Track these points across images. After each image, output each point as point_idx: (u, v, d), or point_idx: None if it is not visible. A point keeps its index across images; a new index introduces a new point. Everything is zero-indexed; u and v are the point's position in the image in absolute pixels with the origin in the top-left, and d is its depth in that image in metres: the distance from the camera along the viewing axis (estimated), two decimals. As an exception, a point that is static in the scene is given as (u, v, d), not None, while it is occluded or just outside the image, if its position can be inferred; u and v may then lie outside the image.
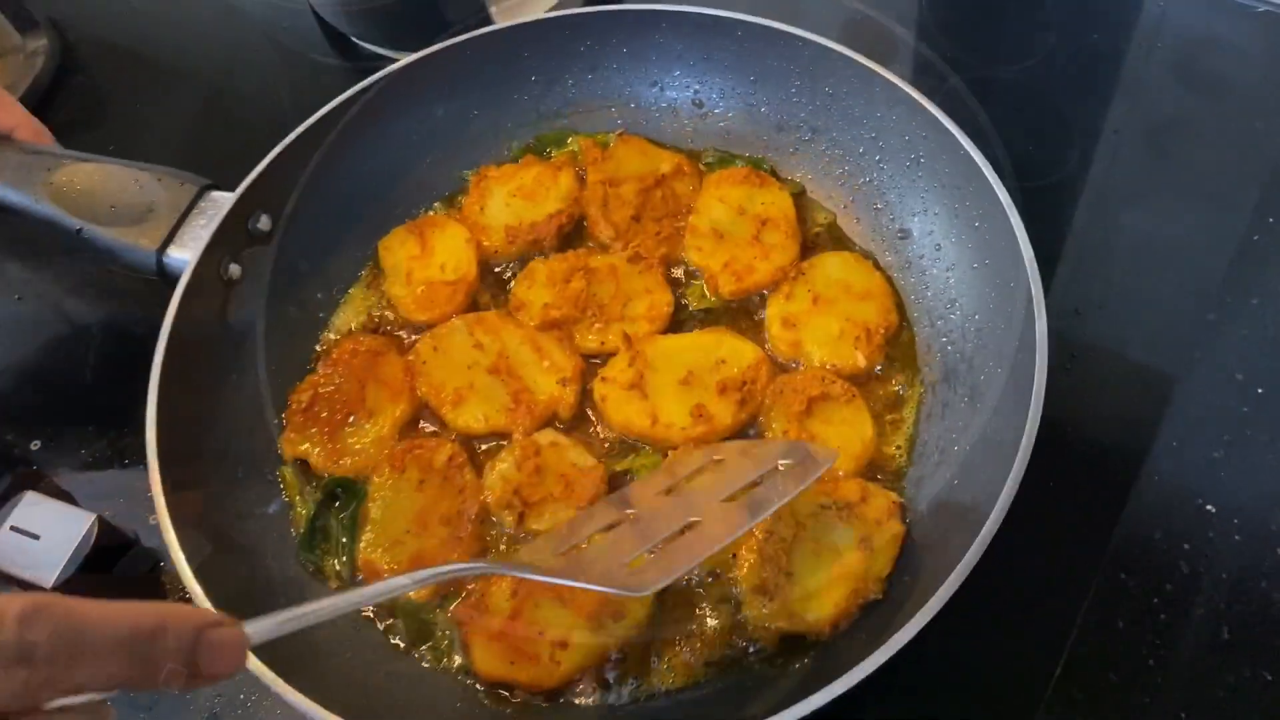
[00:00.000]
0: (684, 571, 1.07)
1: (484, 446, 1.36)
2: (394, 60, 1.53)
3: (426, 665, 1.22)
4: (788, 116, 1.56)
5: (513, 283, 1.48)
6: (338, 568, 1.28)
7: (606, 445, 1.35)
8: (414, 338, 1.45)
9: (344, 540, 1.28)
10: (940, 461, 1.27)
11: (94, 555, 1.31)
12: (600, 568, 1.07)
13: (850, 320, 1.38)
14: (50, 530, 1.30)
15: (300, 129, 1.45)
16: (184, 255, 1.38)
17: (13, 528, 1.29)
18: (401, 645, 1.24)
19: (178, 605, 0.75)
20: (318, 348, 1.47)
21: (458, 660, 1.22)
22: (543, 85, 1.62)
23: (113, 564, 1.34)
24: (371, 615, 1.26)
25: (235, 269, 1.40)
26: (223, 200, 1.42)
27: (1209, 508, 1.34)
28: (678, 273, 1.48)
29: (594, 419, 1.37)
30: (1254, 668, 1.23)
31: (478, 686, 1.20)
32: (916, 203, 1.44)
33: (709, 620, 1.21)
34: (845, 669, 1.09)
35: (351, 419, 1.36)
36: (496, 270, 1.51)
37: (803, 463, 1.15)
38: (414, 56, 1.53)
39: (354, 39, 1.95)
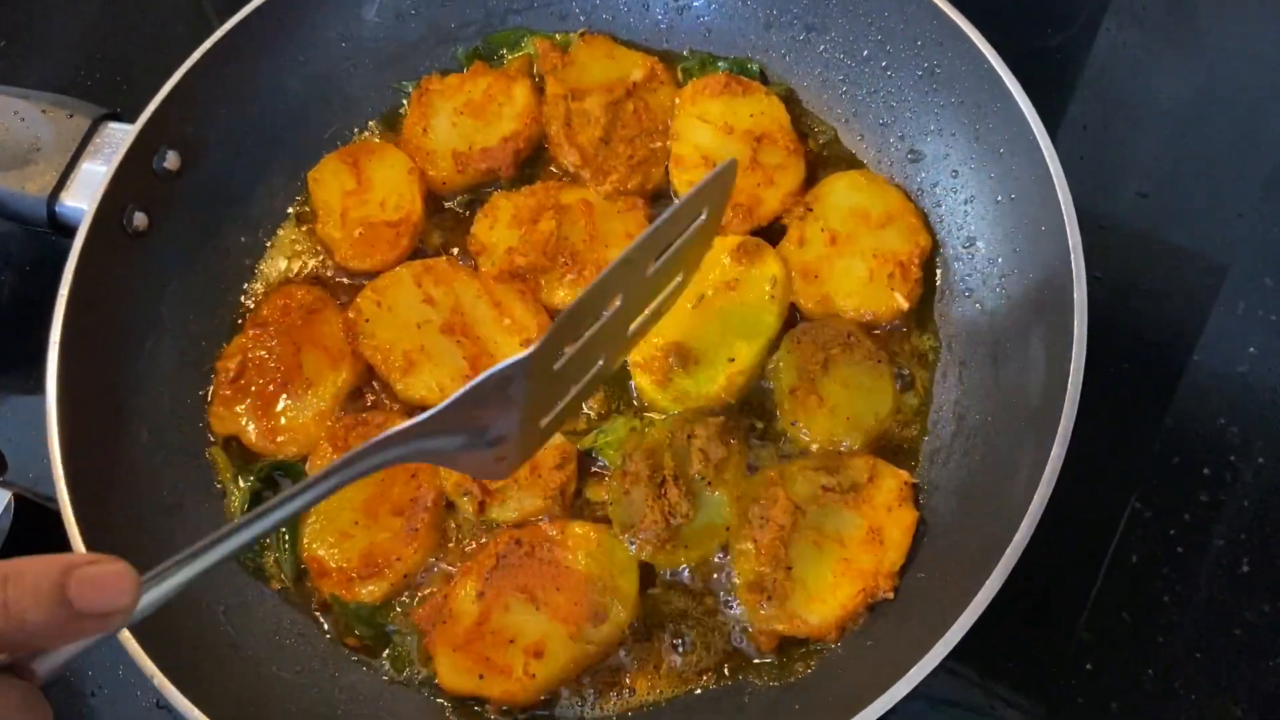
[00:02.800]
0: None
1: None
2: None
3: (386, 678, 1.10)
4: (779, 11, 1.34)
5: (471, 221, 1.29)
6: (280, 566, 1.14)
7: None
8: (354, 284, 1.28)
9: (285, 533, 1.14)
10: (957, 433, 1.13)
11: (14, 535, 1.19)
12: None
13: (877, 256, 1.21)
14: None
15: (207, 44, 1.25)
16: (79, 204, 1.21)
17: None
18: (357, 655, 1.11)
19: (44, 556, 0.66)
20: (245, 301, 1.29)
21: (421, 671, 1.09)
22: (491, -24, 1.39)
23: (36, 542, 1.20)
24: (322, 621, 1.13)
25: (141, 218, 1.21)
26: (121, 134, 1.23)
27: (1232, 429, 1.24)
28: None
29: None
30: (1274, 602, 1.16)
31: (444, 702, 1.08)
32: (930, 120, 1.25)
33: (701, 623, 1.09)
34: (852, 682, 1.00)
35: (287, 389, 1.20)
36: (447, 204, 1.33)
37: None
38: (335, -52, 1.30)
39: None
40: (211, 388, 1.22)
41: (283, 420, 1.19)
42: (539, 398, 0.89)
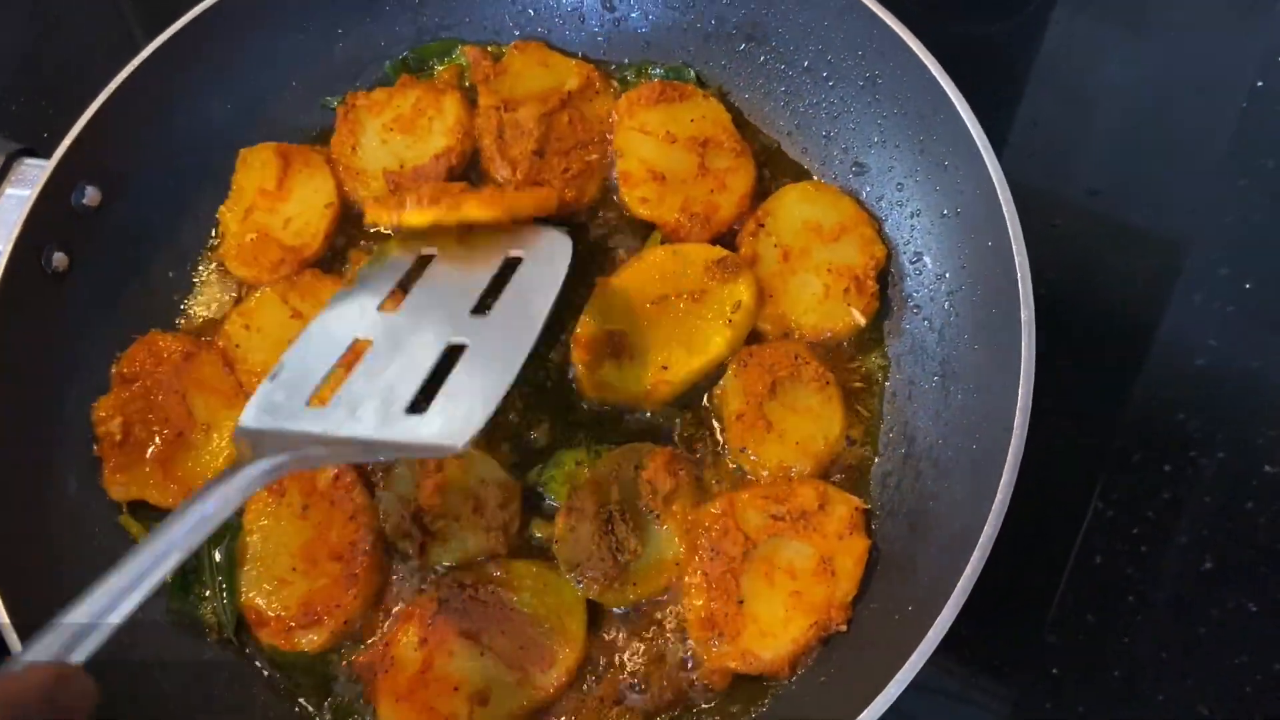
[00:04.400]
0: (494, 408, 0.91)
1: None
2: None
3: (330, 729, 1.07)
4: (719, 22, 1.30)
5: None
6: (218, 615, 1.10)
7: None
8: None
9: (221, 581, 1.10)
10: (909, 455, 1.11)
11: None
12: (383, 420, 0.92)
13: (832, 270, 1.18)
14: None
15: (124, 73, 1.20)
16: (-7, 246, 1.16)
17: None
18: (298, 706, 1.08)
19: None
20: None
21: (365, 721, 1.06)
22: (423, -10, 1.35)
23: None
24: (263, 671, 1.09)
25: (61, 258, 1.17)
26: (37, 170, 1.17)
27: (1192, 424, 1.24)
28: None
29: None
30: (1238, 598, 1.16)
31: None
32: (874, 132, 1.22)
33: (652, 662, 1.06)
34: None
35: (184, 439, 1.15)
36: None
37: (538, 251, 1.03)
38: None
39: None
40: (97, 453, 1.15)
41: (188, 472, 1.14)
42: None
